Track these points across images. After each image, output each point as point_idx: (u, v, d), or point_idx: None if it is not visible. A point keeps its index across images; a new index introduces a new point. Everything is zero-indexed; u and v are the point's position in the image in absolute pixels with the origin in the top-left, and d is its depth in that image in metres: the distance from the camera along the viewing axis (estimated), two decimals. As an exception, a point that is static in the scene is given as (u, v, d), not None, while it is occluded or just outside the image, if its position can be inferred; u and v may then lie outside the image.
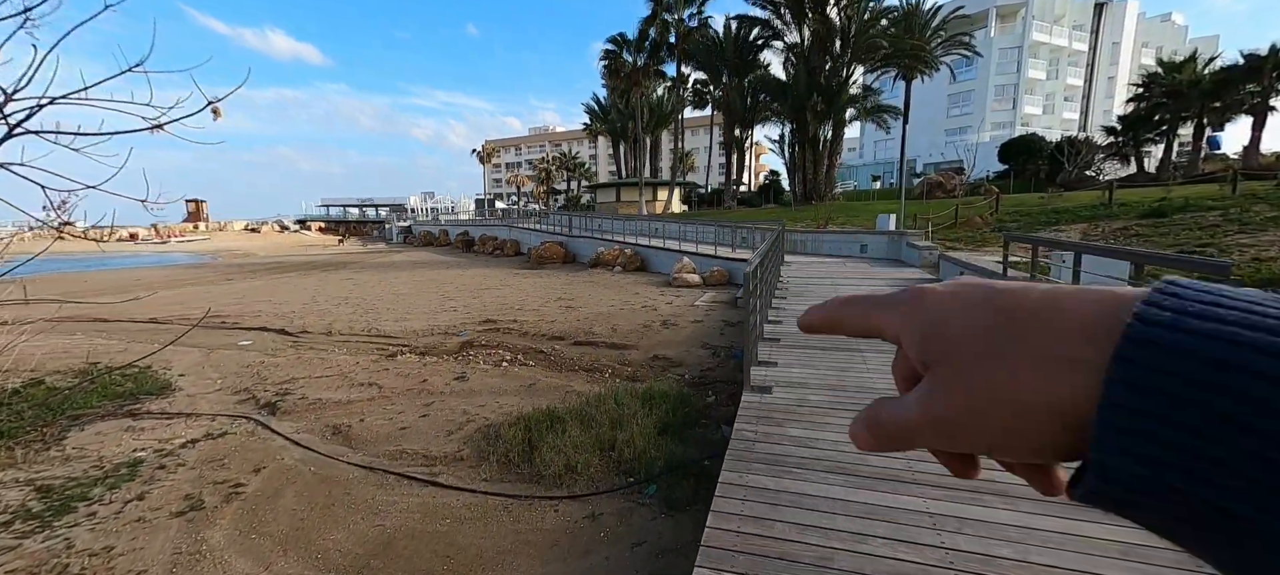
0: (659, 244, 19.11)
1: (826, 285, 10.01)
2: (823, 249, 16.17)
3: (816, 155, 25.52)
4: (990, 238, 13.68)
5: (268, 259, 35.76)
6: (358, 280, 20.88)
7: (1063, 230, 13.40)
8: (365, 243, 62.69)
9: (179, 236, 71.11)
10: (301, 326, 11.37)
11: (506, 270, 22.93)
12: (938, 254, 12.10)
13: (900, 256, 13.95)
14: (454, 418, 5.26)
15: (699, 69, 30.32)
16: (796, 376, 4.70)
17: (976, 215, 15.69)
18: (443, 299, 15.00)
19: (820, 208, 20.27)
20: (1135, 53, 53.03)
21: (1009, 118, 47.67)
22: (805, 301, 8.33)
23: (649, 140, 41.04)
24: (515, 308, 12.95)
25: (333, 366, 7.65)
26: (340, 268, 27.33)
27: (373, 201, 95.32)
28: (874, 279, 10.70)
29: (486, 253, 32.91)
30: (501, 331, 10.27)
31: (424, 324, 11.33)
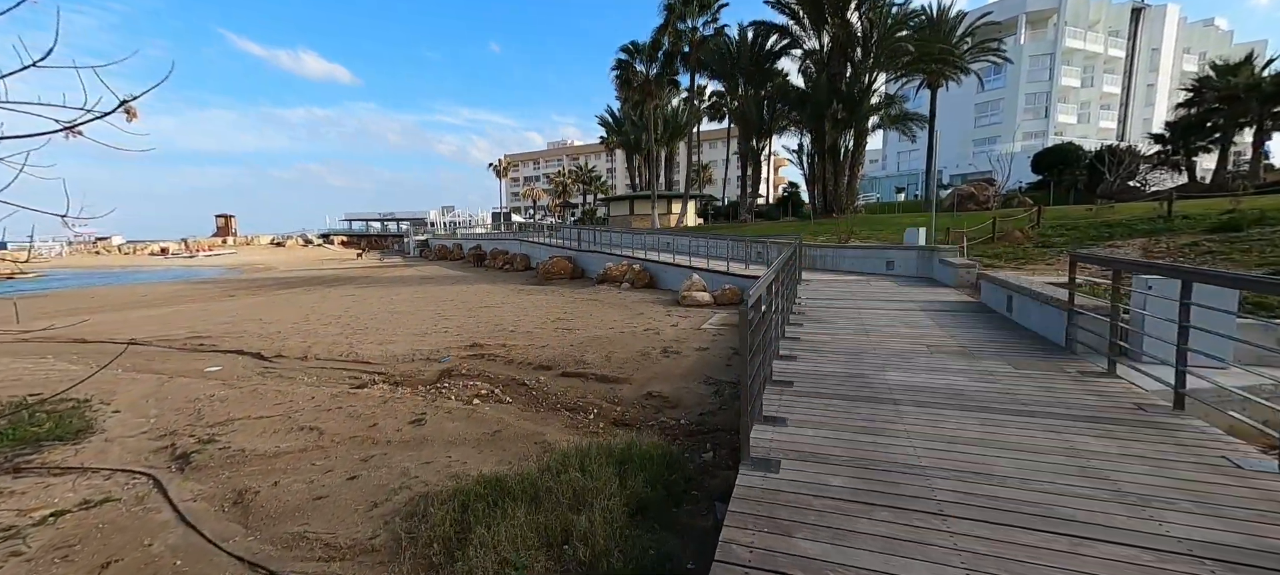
0: (668, 260, 18.09)
1: (850, 307, 8.85)
2: (844, 265, 14.93)
3: (837, 166, 24.27)
4: (1034, 254, 12.30)
5: (283, 274, 35.77)
6: (360, 296, 20.30)
7: (1118, 246, 11.96)
8: (384, 256, 63.20)
9: (207, 251, 73.02)
10: (279, 350, 10.61)
11: (512, 286, 22.13)
12: (976, 272, 10.81)
13: (932, 274, 12.65)
14: (387, 482, 4.28)
15: (714, 78, 29.43)
16: (813, 442, 3.60)
17: (1017, 229, 14.29)
18: (438, 318, 14.18)
19: (841, 221, 19.03)
20: (1177, 59, 50.50)
21: (1041, 127, 45.62)
22: (826, 329, 7.19)
23: (663, 153, 40.23)
24: (509, 329, 12.03)
25: (286, 402, 6.78)
26: (348, 283, 26.94)
27: (393, 216, 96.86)
28: (904, 300, 9.48)
29: (497, 267, 32.32)
30: (486, 358, 9.33)
31: (408, 348, 10.47)
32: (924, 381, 4.84)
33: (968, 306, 8.70)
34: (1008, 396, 4.40)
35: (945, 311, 8.33)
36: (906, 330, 7.03)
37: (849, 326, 7.34)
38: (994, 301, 8.35)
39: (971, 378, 4.91)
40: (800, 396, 4.51)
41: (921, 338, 6.58)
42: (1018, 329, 6.91)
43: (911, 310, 8.50)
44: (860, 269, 14.44)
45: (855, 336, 6.71)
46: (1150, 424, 3.76)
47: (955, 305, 8.86)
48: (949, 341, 6.34)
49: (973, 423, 3.86)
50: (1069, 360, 5.38)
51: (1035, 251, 12.52)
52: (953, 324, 7.37)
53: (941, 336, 6.63)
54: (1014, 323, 7.29)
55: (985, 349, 5.96)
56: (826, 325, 7.45)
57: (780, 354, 5.82)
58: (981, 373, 5.05)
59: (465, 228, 70.77)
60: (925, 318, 7.87)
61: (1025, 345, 6.06)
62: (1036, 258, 11.93)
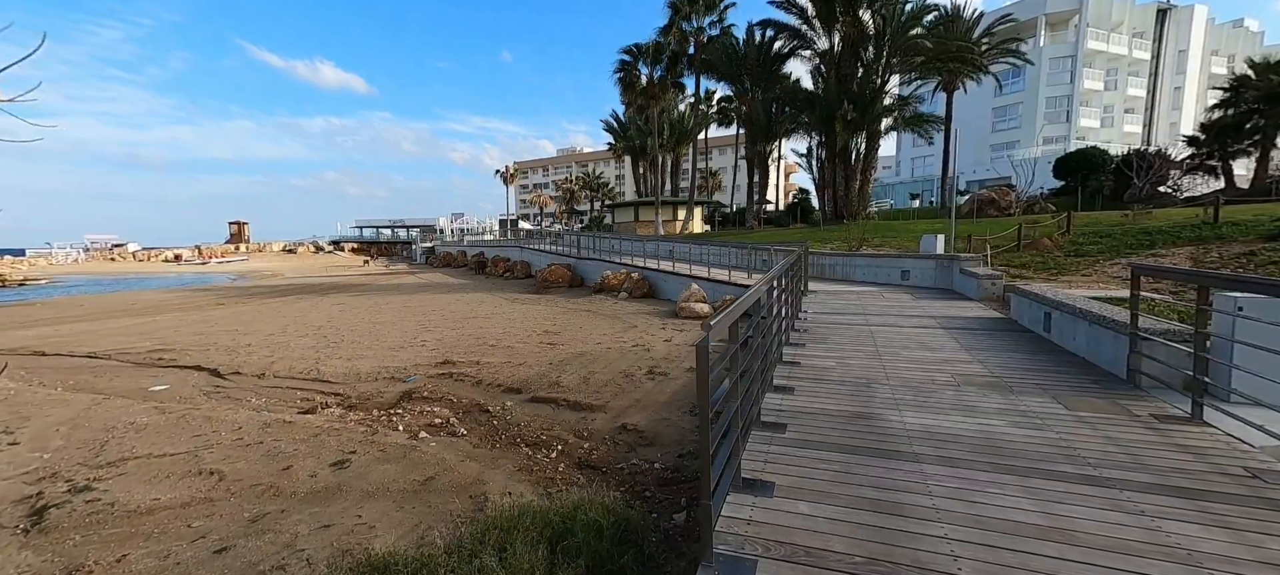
0: (668, 268, 17.14)
1: (860, 323, 7.82)
2: (855, 275, 13.87)
3: (848, 170, 23.14)
4: (1067, 263, 11.15)
5: (285, 281, 35.41)
6: (350, 305, 19.60)
7: (1162, 255, 10.77)
8: (391, 263, 63.13)
9: (219, 258, 73.79)
10: (239, 366, 9.83)
11: (507, 295, 21.31)
12: (1002, 283, 9.72)
13: (952, 286, 11.55)
14: (262, 558, 3.36)
15: (720, 80, 28.47)
16: (808, 524, 2.63)
17: (1045, 236, 13.13)
18: (421, 330, 13.36)
19: (853, 227, 17.93)
20: (1205, 61, 48.63)
21: (1062, 132, 44.01)
22: (832, 351, 6.19)
23: (670, 159, 39.34)
24: (490, 343, 11.15)
25: (209, 433, 5.92)
26: (345, 291, 26.33)
27: (404, 222, 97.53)
28: (921, 316, 8.42)
29: (498, 274, 31.61)
30: (455, 378, 8.44)
31: (376, 365, 9.62)
32: (952, 426, 3.83)
33: (996, 324, 7.63)
34: (1065, 452, 3.37)
35: (970, 330, 7.27)
36: (926, 353, 6.00)
37: (859, 348, 6.32)
38: (1027, 318, 7.28)
39: (1013, 422, 3.89)
40: (793, 447, 3.52)
41: (945, 363, 5.55)
42: (1060, 353, 5.84)
43: (930, 328, 7.46)
44: (873, 279, 13.37)
45: (866, 361, 5.70)
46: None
47: (981, 322, 7.79)
48: (978, 369, 5.31)
49: (1022, 495, 2.85)
50: (1134, 397, 4.32)
51: (1067, 261, 11.36)
52: (980, 345, 6.32)
53: (969, 362, 5.59)
54: (1053, 345, 6.22)
55: (1024, 380, 4.91)
56: (833, 346, 6.44)
57: (775, 384, 4.84)
58: (1025, 415, 4.02)
59: (474, 235, 70.61)
60: (947, 337, 6.82)
61: (1073, 375, 5.00)
62: (1069, 268, 10.78)
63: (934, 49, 21.86)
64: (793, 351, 6.13)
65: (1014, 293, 7.88)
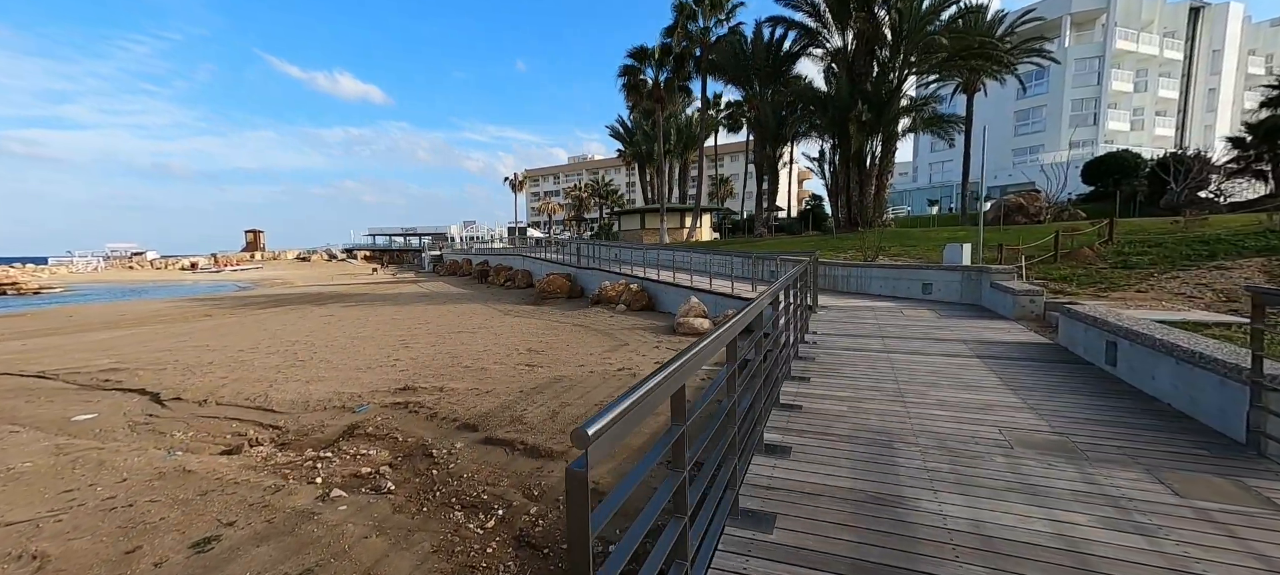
0: (668, 278, 16.03)
1: (877, 349, 6.64)
2: (871, 287, 12.62)
3: (863, 174, 21.82)
4: (1115, 277, 9.80)
5: (292, 290, 35.00)
6: (337, 317, 18.81)
7: (1226, 267, 9.38)
8: (400, 271, 62.99)
9: (234, 265, 74.71)
10: (183, 390, 8.93)
11: (503, 306, 20.37)
12: (1043, 301, 8.44)
13: (981, 301, 10.27)
14: None
15: (729, 82, 27.34)
16: None
17: (1086, 246, 11.77)
18: (397, 347, 12.41)
19: (868, 235, 16.64)
20: (1242, 61, 46.32)
21: (1089, 135, 42.05)
22: (843, 389, 5.03)
23: (677, 165, 38.30)
24: (465, 364, 10.13)
25: (83, 488, 4.95)
26: (341, 300, 25.63)
27: (415, 231, 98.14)
28: (950, 339, 7.21)
29: (499, 283, 30.77)
30: (410, 409, 7.41)
31: (332, 389, 8.65)
32: (1013, 524, 2.66)
33: (1042, 352, 6.38)
34: (1200, 584, 2.19)
35: (1012, 360, 6.04)
36: (962, 393, 4.80)
37: (876, 383, 5.15)
38: (1082, 346, 6.03)
39: (1104, 519, 2.70)
40: (782, 559, 2.39)
41: (988, 410, 4.36)
42: (1135, 398, 4.61)
43: (963, 356, 6.24)
44: (891, 292, 12.12)
45: (885, 405, 4.53)
46: None
47: (1023, 350, 6.54)
48: (1033, 421, 4.11)
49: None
50: (1267, 474, 3.11)
51: (1114, 274, 10.01)
52: (1029, 383, 5.11)
53: (1018, 407, 4.39)
54: (1123, 385, 4.99)
55: (1099, 440, 3.71)
56: (844, 381, 5.27)
57: (767, 442, 3.71)
58: (1117, 505, 2.83)
59: (483, 243, 70.33)
60: (984, 369, 5.61)
61: (1165, 434, 3.78)
62: (1119, 282, 9.44)
63: (955, 45, 20.51)
64: (794, 388, 4.98)
65: (1063, 314, 6.62)
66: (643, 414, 1.50)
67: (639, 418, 1.47)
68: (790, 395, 4.80)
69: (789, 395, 4.79)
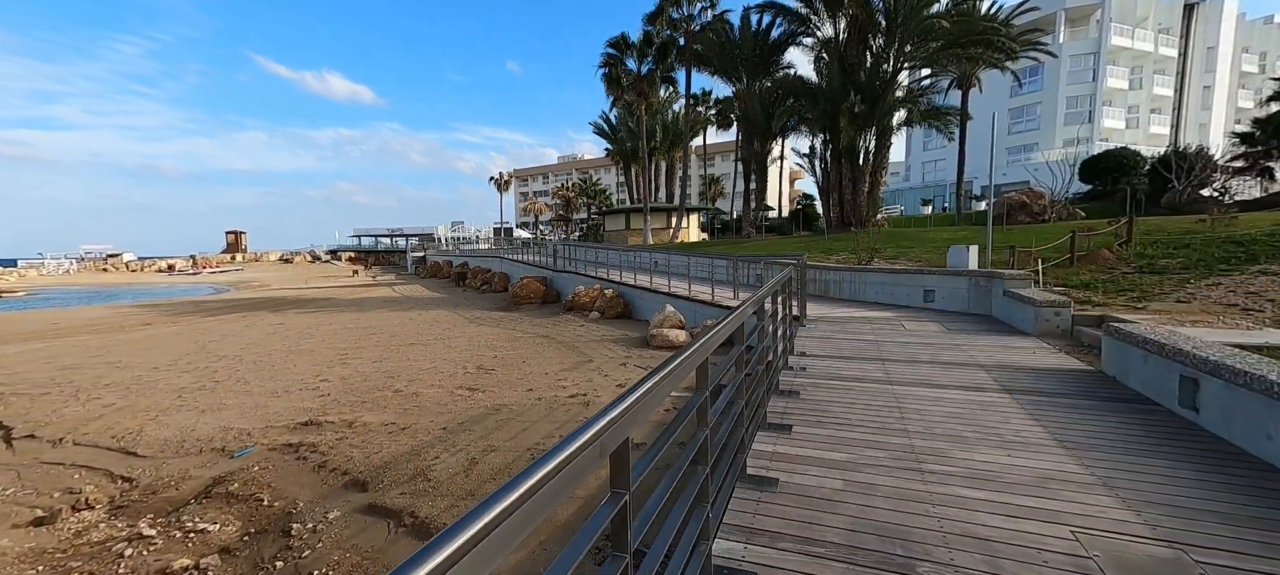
0: (645, 283, 14.66)
1: (877, 377, 5.32)
2: (866, 294, 11.31)
3: (856, 171, 20.56)
4: (1144, 284, 8.54)
5: (260, 294, 33.35)
6: (286, 326, 17.26)
7: (1274, 271, 8.15)
8: (382, 272, 61.25)
9: (213, 267, 72.55)
10: (45, 422, 7.44)
11: (471, 313, 18.93)
12: (1070, 314, 7.15)
13: (992, 311, 8.98)
14: None
15: (714, 73, 25.99)
16: None
17: (1105, 248, 10.53)
18: (332, 364, 10.95)
19: (862, 236, 15.35)
20: (1236, 58, 45.71)
21: (1085, 133, 41.14)
22: (835, 443, 3.69)
23: (664, 163, 36.94)
24: (397, 388, 8.70)
25: None
26: (302, 306, 24.02)
27: (402, 231, 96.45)
28: (965, 364, 5.91)
29: (476, 286, 29.27)
30: (300, 454, 5.97)
31: (225, 423, 7.20)
32: None
33: (1085, 385, 5.06)
34: None
35: (1052, 397, 4.71)
36: (1002, 458, 3.46)
37: (880, 437, 3.79)
38: (1139, 378, 4.72)
39: None
40: None
41: (1046, 492, 3.02)
42: (1245, 464, 3.29)
43: (987, 389, 4.91)
44: (889, 300, 10.82)
45: (896, 480, 3.18)
46: None
47: (1061, 381, 5.22)
48: (1121, 515, 2.77)
49: None
50: None
51: (1144, 281, 8.76)
52: (1088, 438, 3.78)
53: (1089, 487, 3.05)
54: (1213, 439, 3.67)
55: (1236, 553, 2.38)
56: (837, 433, 3.92)
57: (738, 500, 2.34)
58: None
59: (469, 243, 68.74)
60: (1022, 414, 4.28)
61: (1326, 540, 2.46)
62: (1151, 290, 8.18)
63: (957, 28, 19.26)
64: (770, 445, 3.62)
65: (1109, 334, 5.30)
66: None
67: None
68: (766, 447, 3.44)
69: (765, 447, 3.43)
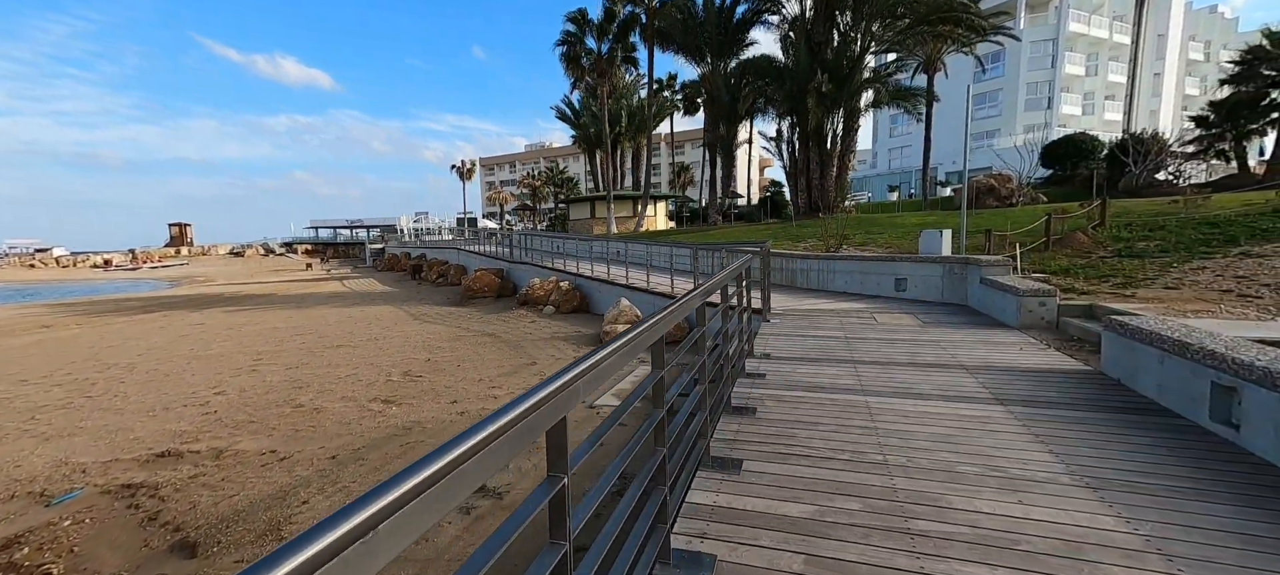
0: (603, 275, 13.63)
1: (848, 383, 4.47)
2: (834, 284, 10.56)
3: (824, 155, 19.94)
4: (1126, 269, 7.98)
5: (200, 290, 30.88)
6: (206, 326, 15.58)
7: (1258, 254, 7.68)
8: (339, 265, 58.52)
9: (155, 262, 68.15)
10: None
11: (418, 308, 17.58)
12: (1056, 304, 6.46)
13: (968, 300, 8.32)
14: None
15: (678, 52, 24.93)
16: None
17: (1080, 231, 10.02)
18: (238, 372, 9.58)
19: (830, 222, 14.67)
20: (1183, 47, 47.15)
21: (1042, 119, 41.85)
22: (799, 479, 2.76)
23: (630, 149, 35.80)
24: (303, 401, 7.48)
25: None
26: (232, 304, 22.10)
27: (362, 222, 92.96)
28: (946, 363, 5.13)
29: (431, 280, 27.66)
30: (134, 499, 4.77)
31: (65, 453, 5.89)
32: None
33: (1089, 391, 4.30)
34: None
35: (1054, 409, 3.91)
36: (1010, 506, 2.58)
37: (855, 474, 2.88)
38: (1155, 383, 3.97)
39: None
40: None
41: (1077, 550, 2.15)
42: (1318, 505, 2.51)
43: (976, 399, 4.09)
44: (858, 289, 10.09)
45: (874, 529, 2.26)
46: None
47: (1059, 387, 4.45)
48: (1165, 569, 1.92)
49: None
50: None
51: (1125, 265, 8.21)
52: (1111, 467, 2.96)
53: (1133, 547, 2.20)
54: (1254, 459, 2.90)
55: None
56: (799, 464, 2.99)
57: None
58: None
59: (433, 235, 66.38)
60: (1024, 433, 3.45)
61: None
62: (1135, 275, 7.60)
63: (923, 8, 18.71)
64: (714, 485, 2.66)
65: (1111, 330, 4.55)
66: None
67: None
68: (701, 518, 2.48)
69: (698, 519, 2.47)
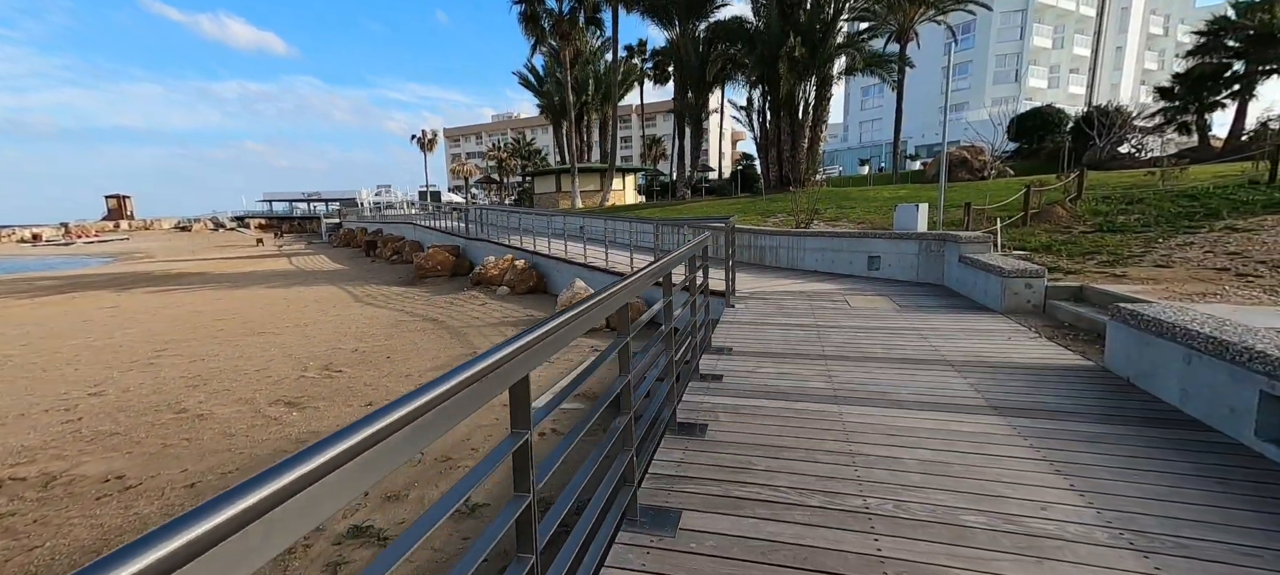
0: (560, 253, 12.66)
1: (821, 389, 3.75)
2: (805, 262, 9.87)
3: (795, 125, 19.17)
4: (1111, 245, 7.49)
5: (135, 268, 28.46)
6: (121, 308, 14.01)
7: (1243, 228, 7.26)
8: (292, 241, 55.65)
9: (92, 237, 64.06)
10: None
11: (364, 288, 16.30)
12: (1044, 285, 5.86)
13: (945, 280, 7.72)
14: None
15: (644, 13, 23.54)
16: None
17: (1058, 204, 9.53)
18: (133, 363, 8.36)
19: (800, 196, 13.97)
20: (1145, 20, 47.84)
21: (1012, 92, 42.03)
22: (752, 529, 1.97)
23: (598, 118, 34.36)
24: (191, 404, 6.40)
25: None
26: (157, 284, 20.24)
27: (320, 196, 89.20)
28: (930, 358, 4.47)
29: (386, 257, 26.12)
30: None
31: None
32: None
33: (1095, 391, 3.65)
34: None
35: (1061, 420, 3.24)
36: (1027, 563, 1.86)
37: (823, 523, 2.12)
38: (1174, 384, 3.33)
39: None
40: None
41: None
42: None
43: (971, 408, 3.38)
44: (830, 268, 9.42)
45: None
46: None
47: (1059, 386, 3.79)
48: None
49: None
50: None
51: (1107, 240, 7.71)
52: (1145, 502, 2.27)
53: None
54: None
55: None
56: (755, 516, 2.20)
57: None
58: None
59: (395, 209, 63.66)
60: (1035, 460, 2.75)
61: None
62: (1120, 252, 7.09)
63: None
64: (641, 551, 1.86)
65: (1120, 320, 3.89)
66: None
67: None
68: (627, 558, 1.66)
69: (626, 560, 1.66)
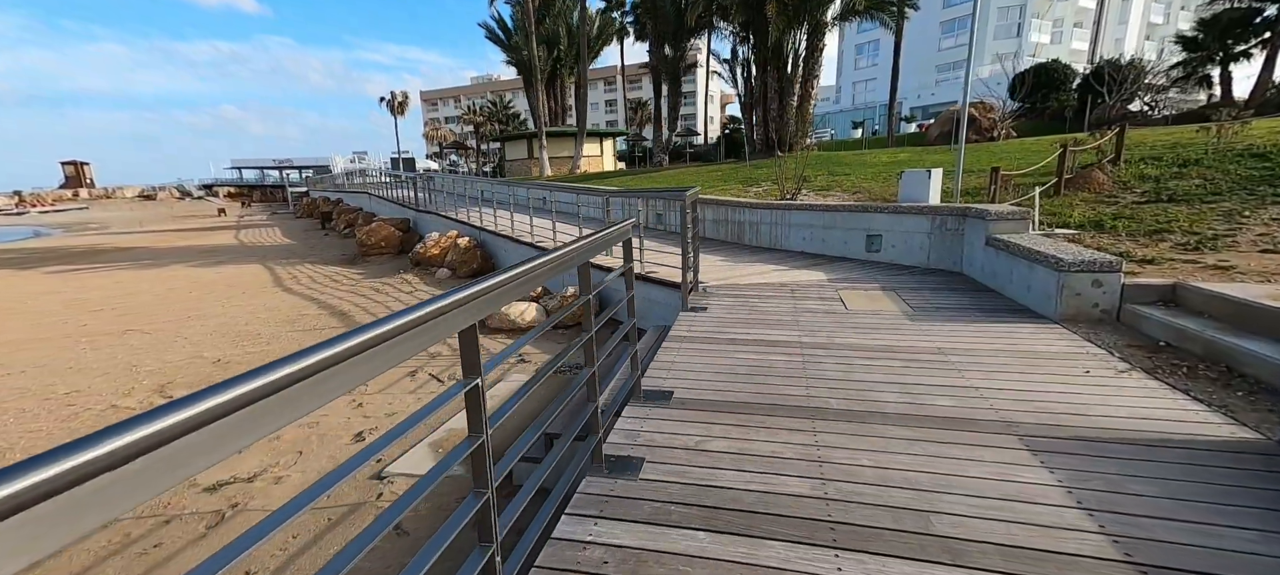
0: (506, 230, 10.83)
1: (801, 475, 2.11)
2: (789, 241, 8.16)
3: (783, 81, 17.17)
4: (1179, 218, 5.84)
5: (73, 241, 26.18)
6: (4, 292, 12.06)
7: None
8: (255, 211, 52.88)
9: (48, 206, 61.32)
10: None
11: (295, 268, 14.42)
12: (1119, 280, 4.22)
13: (962, 266, 6.09)
14: None
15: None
16: None
17: (1096, 166, 7.85)
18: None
19: (787, 160, 12.10)
20: (1151, -28, 45.44)
21: (1012, 48, 39.83)
22: None
23: (573, 79, 31.86)
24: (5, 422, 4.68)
25: None
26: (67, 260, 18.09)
27: (291, 163, 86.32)
28: (969, 413, 2.88)
29: (340, 230, 24.02)
30: None
31: None
32: None
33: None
34: None
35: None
36: None
37: None
38: None
39: None
40: None
41: None
42: None
43: (1082, 555, 1.77)
44: (819, 249, 7.73)
45: None
46: None
47: (1226, 493, 2.19)
48: None
49: None
50: None
51: (1172, 213, 6.07)
52: None
53: None
54: None
55: None
56: None
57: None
58: None
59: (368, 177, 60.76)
60: None
61: None
62: (1202, 231, 5.44)
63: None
64: None
65: None
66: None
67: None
68: None
69: None
